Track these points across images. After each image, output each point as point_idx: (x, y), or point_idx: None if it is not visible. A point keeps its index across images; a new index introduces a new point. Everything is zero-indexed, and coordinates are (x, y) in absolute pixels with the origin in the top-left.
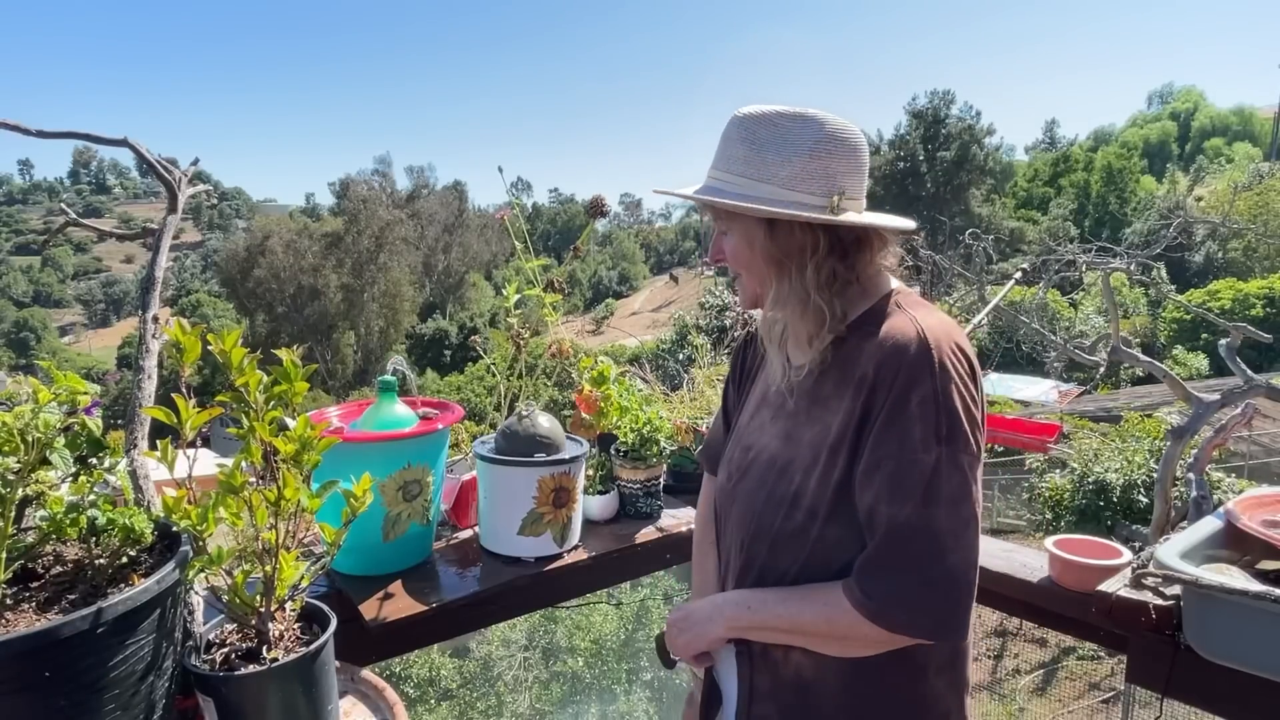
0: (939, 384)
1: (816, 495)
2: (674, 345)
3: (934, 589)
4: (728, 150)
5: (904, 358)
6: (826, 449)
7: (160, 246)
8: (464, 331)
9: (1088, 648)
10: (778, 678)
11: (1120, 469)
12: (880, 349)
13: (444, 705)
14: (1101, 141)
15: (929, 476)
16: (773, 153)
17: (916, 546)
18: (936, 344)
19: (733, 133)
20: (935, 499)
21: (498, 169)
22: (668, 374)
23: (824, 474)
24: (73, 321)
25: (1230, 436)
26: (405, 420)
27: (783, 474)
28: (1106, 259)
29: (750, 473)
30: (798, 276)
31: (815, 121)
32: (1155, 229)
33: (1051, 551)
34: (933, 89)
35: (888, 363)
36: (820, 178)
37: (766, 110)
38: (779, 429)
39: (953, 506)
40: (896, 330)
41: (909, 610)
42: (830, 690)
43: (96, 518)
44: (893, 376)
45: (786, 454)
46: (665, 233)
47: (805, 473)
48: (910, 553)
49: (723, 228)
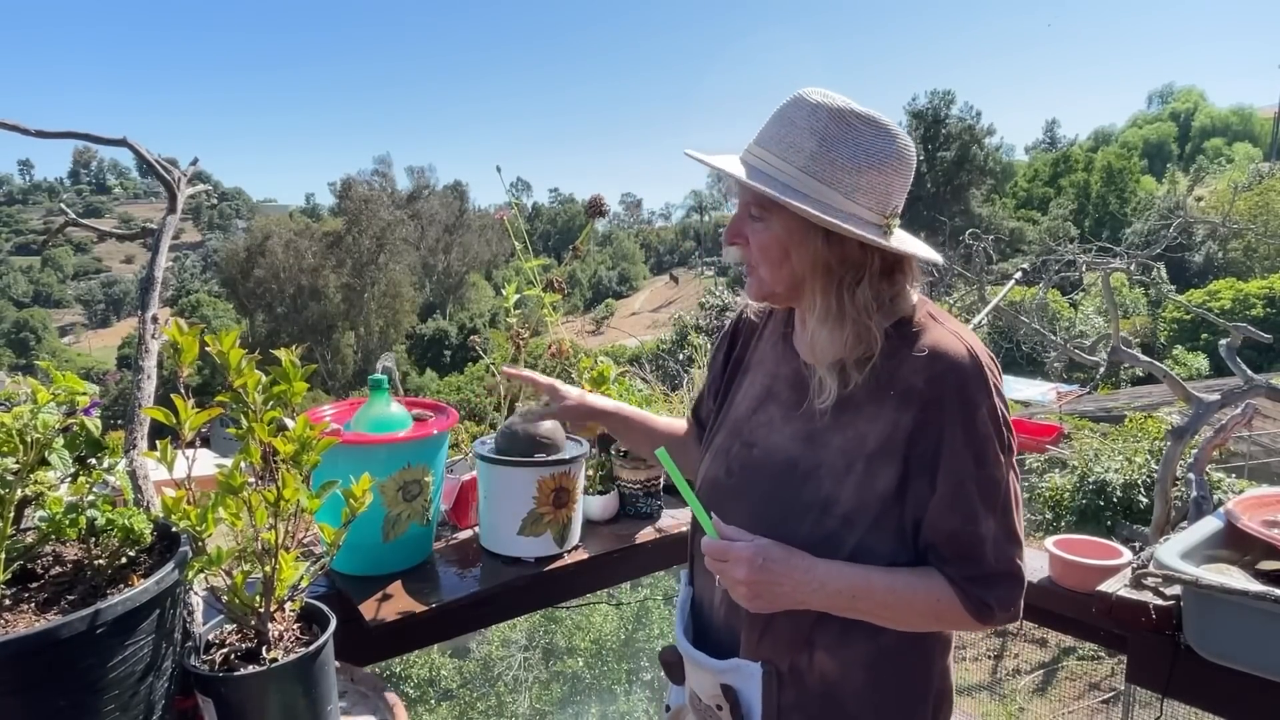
0: (996, 399)
1: (854, 503)
2: (674, 345)
3: (1020, 586)
4: (790, 137)
5: (963, 375)
6: (864, 458)
7: (160, 246)
8: (464, 331)
9: (1088, 648)
10: (803, 689)
11: (1120, 469)
12: (932, 364)
13: (444, 705)
14: (1101, 142)
15: (1004, 488)
16: (844, 156)
17: (1008, 553)
18: (987, 360)
19: (799, 119)
20: (1010, 507)
21: (496, 169)
22: (668, 374)
23: (863, 482)
24: (73, 322)
25: (1230, 436)
26: (398, 418)
27: (808, 479)
28: (1106, 259)
29: (760, 472)
30: (849, 294)
31: (889, 133)
32: (1155, 229)
33: (1052, 551)
34: (933, 89)
35: (942, 379)
36: (881, 193)
37: (841, 105)
38: (795, 431)
39: (1018, 508)
40: (945, 346)
41: (1007, 609)
42: (854, 685)
43: (96, 518)
44: (954, 395)
45: (811, 458)
46: (665, 233)
47: (837, 479)
48: (1004, 559)
49: (757, 213)
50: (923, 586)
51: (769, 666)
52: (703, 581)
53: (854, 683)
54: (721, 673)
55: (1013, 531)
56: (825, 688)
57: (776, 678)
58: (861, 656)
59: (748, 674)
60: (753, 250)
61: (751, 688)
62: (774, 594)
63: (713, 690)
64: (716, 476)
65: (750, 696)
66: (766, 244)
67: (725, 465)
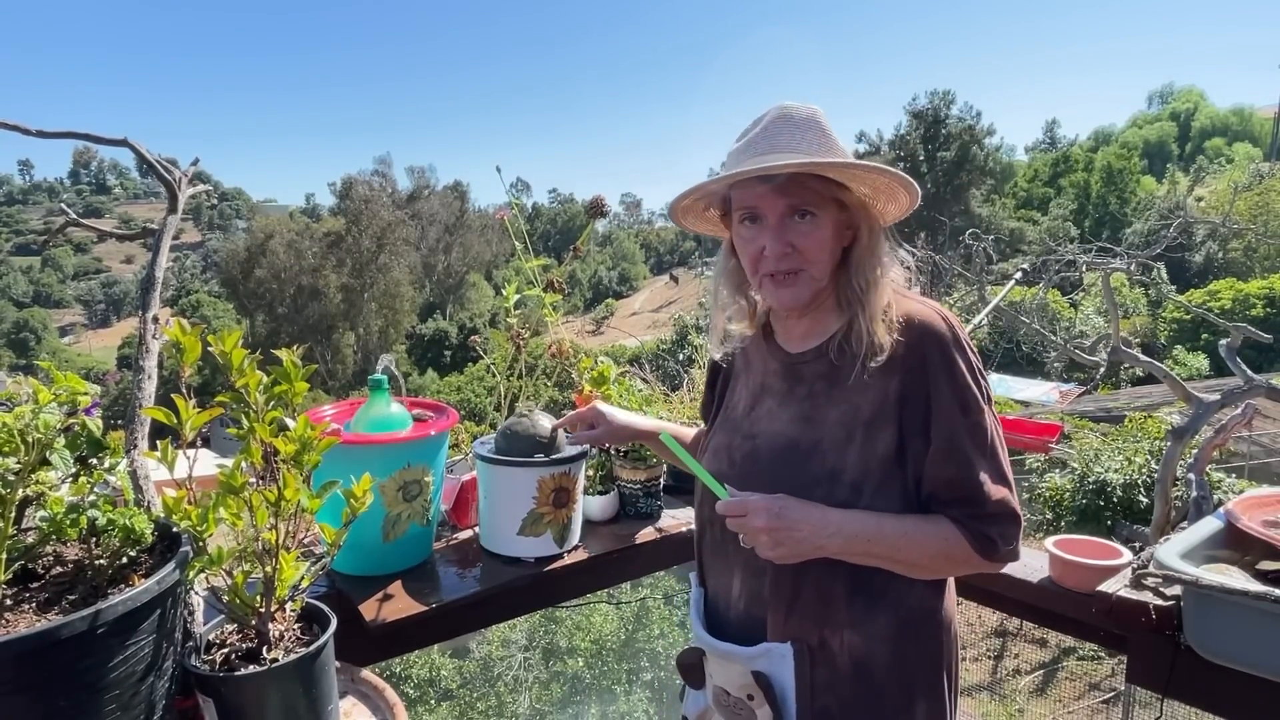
0: (970, 354)
1: (859, 470)
2: (674, 345)
3: (1016, 522)
4: (797, 136)
5: (940, 337)
6: (862, 425)
7: (160, 247)
8: (464, 332)
9: (1088, 648)
10: (835, 666)
11: (1120, 469)
12: (908, 332)
13: (444, 705)
14: (1102, 142)
15: (990, 433)
16: (837, 144)
17: (1002, 493)
18: (956, 321)
19: (799, 119)
20: (997, 451)
21: (496, 169)
22: (668, 374)
23: (864, 448)
24: (73, 322)
25: (1230, 437)
26: (398, 418)
27: (812, 453)
28: (1106, 259)
29: (763, 457)
30: (884, 273)
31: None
32: (1155, 229)
33: (1052, 552)
34: (933, 89)
35: (921, 343)
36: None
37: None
38: (793, 413)
39: (1004, 450)
40: (918, 314)
41: (1010, 544)
42: (881, 660)
43: (96, 518)
44: (935, 355)
45: (811, 435)
46: (665, 233)
47: (839, 450)
48: (999, 500)
49: (808, 210)
50: (932, 529)
51: (799, 645)
52: (716, 580)
53: (880, 657)
54: (752, 659)
55: (1002, 472)
56: (854, 664)
57: (809, 655)
58: (884, 630)
59: (779, 656)
60: (805, 251)
61: (784, 670)
62: (794, 539)
63: (743, 680)
64: (719, 471)
65: (783, 679)
66: (821, 241)
67: (727, 459)
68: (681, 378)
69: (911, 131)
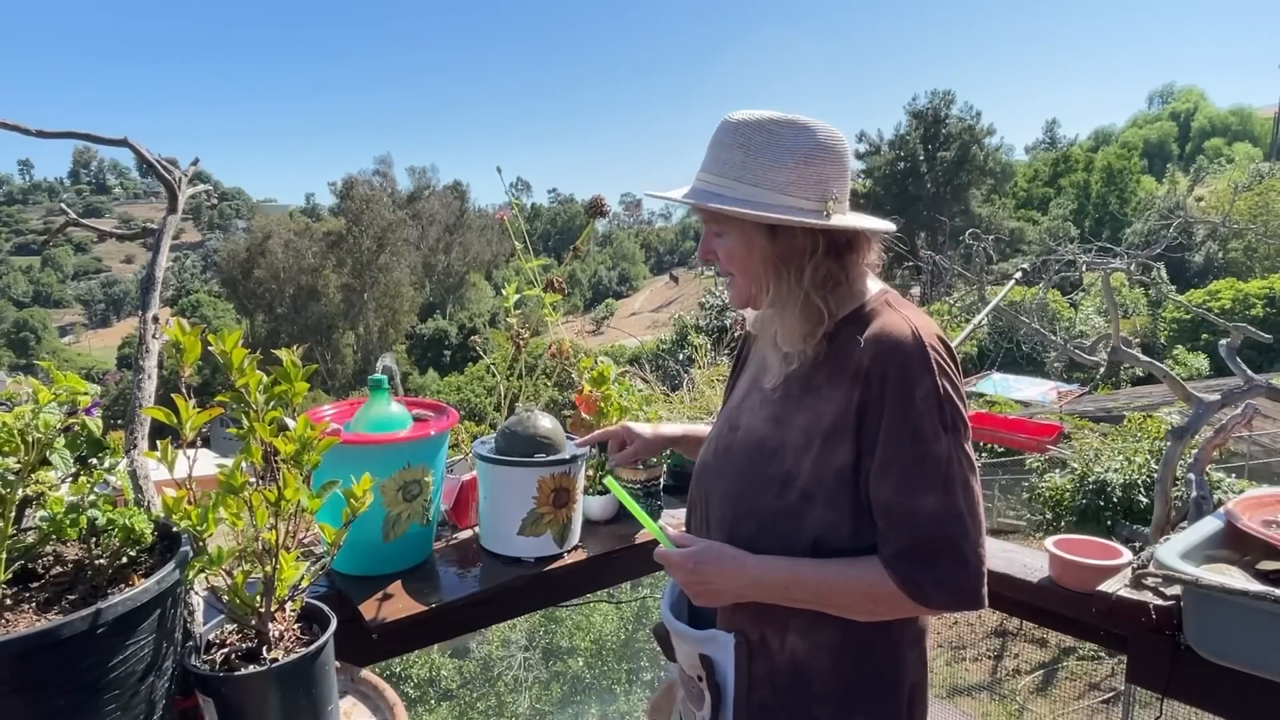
0: (938, 378)
1: (811, 479)
2: (674, 345)
3: (967, 568)
4: (721, 155)
5: (903, 354)
6: (820, 435)
7: (160, 246)
8: (464, 332)
9: (1088, 648)
10: (774, 664)
11: (1120, 469)
12: (875, 344)
13: (444, 705)
14: (1102, 141)
15: (945, 465)
16: (768, 158)
17: (948, 531)
18: (930, 340)
19: (726, 138)
20: (953, 485)
21: (496, 169)
22: (668, 374)
23: (819, 458)
24: (73, 321)
25: (1230, 436)
26: (398, 418)
27: (774, 456)
28: (1106, 259)
29: (736, 452)
30: (796, 278)
31: (807, 129)
32: (1155, 229)
33: (1051, 552)
34: (933, 89)
35: (885, 357)
36: (814, 183)
37: (760, 116)
38: (768, 413)
39: (967, 489)
40: (890, 327)
41: (949, 591)
42: (821, 669)
43: (96, 518)
44: (895, 372)
45: (777, 437)
46: (665, 233)
47: (797, 456)
48: (943, 538)
49: (716, 229)
50: (855, 575)
51: (740, 637)
52: None
53: (820, 666)
54: (700, 642)
55: (957, 509)
56: (794, 666)
57: (748, 648)
58: (829, 642)
59: (723, 644)
60: (723, 261)
61: (726, 657)
62: (711, 591)
63: (692, 660)
64: (707, 459)
65: (725, 666)
66: (730, 252)
67: (714, 448)
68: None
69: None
